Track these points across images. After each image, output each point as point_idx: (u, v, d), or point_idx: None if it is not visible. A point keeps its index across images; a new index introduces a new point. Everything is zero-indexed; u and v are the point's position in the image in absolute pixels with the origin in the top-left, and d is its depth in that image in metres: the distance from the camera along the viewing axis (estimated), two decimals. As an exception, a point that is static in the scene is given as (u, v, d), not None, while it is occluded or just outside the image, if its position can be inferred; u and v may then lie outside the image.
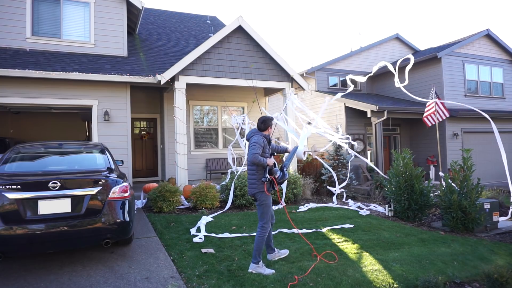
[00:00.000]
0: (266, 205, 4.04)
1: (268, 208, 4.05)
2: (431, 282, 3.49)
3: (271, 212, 4.11)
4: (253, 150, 3.90)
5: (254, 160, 3.87)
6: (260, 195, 4.02)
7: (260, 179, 4.00)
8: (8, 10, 8.59)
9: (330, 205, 8.29)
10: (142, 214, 7.04)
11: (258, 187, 4.02)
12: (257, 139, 4.02)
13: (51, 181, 3.88)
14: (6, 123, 12.08)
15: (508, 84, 15.07)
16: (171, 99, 10.05)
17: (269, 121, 4.22)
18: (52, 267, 4.12)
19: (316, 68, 14.89)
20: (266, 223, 4.05)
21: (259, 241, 4.00)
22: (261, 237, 4.01)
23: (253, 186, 4.06)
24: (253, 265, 4.00)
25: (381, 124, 11.66)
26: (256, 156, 3.87)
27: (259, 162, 3.89)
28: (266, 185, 3.99)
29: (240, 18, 9.38)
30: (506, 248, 5.22)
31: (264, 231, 4.02)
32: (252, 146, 3.94)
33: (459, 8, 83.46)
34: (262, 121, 4.21)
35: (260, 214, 4.08)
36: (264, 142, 4.06)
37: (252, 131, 4.19)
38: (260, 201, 4.03)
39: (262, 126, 4.19)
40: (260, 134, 4.13)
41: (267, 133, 4.21)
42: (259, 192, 4.02)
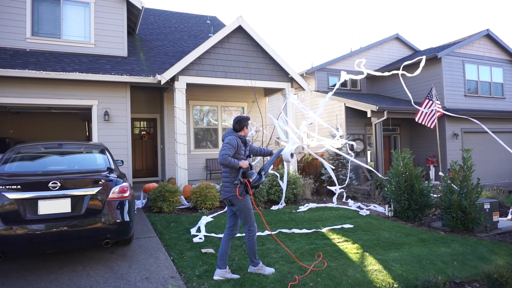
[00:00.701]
0: (246, 208, 3.84)
1: (249, 210, 3.87)
2: (431, 282, 3.49)
3: (252, 214, 3.92)
4: (223, 151, 3.69)
5: (223, 161, 3.64)
6: (236, 200, 3.79)
7: (233, 182, 3.76)
8: (8, 10, 8.59)
9: (330, 205, 8.29)
10: (142, 214, 7.04)
11: (232, 191, 3.79)
12: (230, 139, 3.81)
13: (51, 181, 3.88)
14: (6, 123, 12.08)
15: (508, 84, 15.07)
16: (171, 99, 10.05)
17: (245, 121, 3.99)
18: (52, 267, 4.12)
19: (316, 68, 14.90)
20: (252, 225, 3.90)
21: (251, 243, 3.92)
22: (251, 240, 3.90)
23: (226, 189, 3.84)
24: (253, 268, 3.97)
25: (381, 124, 11.66)
26: (225, 158, 3.64)
27: (229, 164, 3.67)
28: (239, 188, 3.74)
29: (240, 18, 9.38)
30: (506, 248, 5.22)
31: (252, 233, 3.89)
32: (223, 147, 3.74)
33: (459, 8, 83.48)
34: (237, 121, 3.98)
35: (243, 218, 3.88)
36: (237, 143, 3.83)
37: (227, 132, 4.00)
38: (239, 206, 3.81)
39: (237, 126, 3.96)
40: (235, 135, 3.91)
41: (243, 133, 3.99)
42: (233, 196, 3.79)
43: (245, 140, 4.00)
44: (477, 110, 13.79)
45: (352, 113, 13.03)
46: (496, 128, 14.23)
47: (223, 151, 3.68)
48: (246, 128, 4.00)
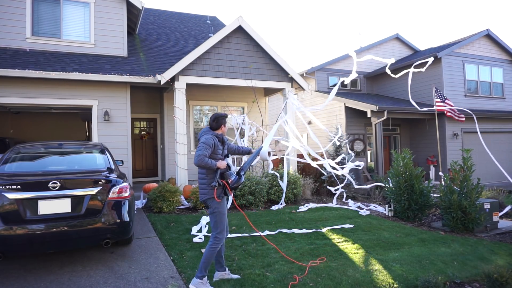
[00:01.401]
0: (219, 212, 3.59)
1: (222, 216, 3.61)
2: (431, 282, 3.49)
3: (225, 221, 3.66)
4: (199, 151, 3.45)
5: (200, 162, 3.41)
6: (212, 202, 3.58)
7: (210, 184, 3.55)
8: (8, 10, 8.59)
9: (330, 205, 8.29)
10: (142, 214, 7.04)
11: (209, 193, 3.56)
12: (206, 139, 3.57)
13: (51, 181, 3.88)
14: (6, 123, 12.08)
15: (508, 84, 15.07)
16: (171, 99, 10.04)
17: (222, 119, 3.75)
18: (52, 267, 4.12)
19: (316, 68, 14.90)
20: (220, 233, 3.59)
21: (210, 253, 3.53)
22: (212, 249, 3.54)
23: (203, 191, 3.61)
24: (196, 280, 3.50)
25: (381, 124, 11.67)
26: (202, 158, 3.41)
27: (205, 165, 3.44)
28: (217, 190, 3.54)
29: (240, 18, 9.38)
30: (506, 248, 5.22)
31: (217, 242, 3.56)
32: (199, 147, 3.50)
33: (459, 8, 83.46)
34: (214, 118, 3.74)
35: (213, 223, 3.61)
36: (214, 142, 3.60)
37: (203, 130, 3.76)
38: (212, 209, 3.58)
39: (214, 124, 3.72)
40: (211, 134, 3.67)
41: (220, 132, 3.76)
42: (210, 198, 3.57)
43: (222, 139, 3.78)
44: (477, 110, 13.79)
45: (352, 113, 13.03)
46: (496, 128, 14.23)
47: (198, 152, 3.45)
48: (223, 126, 3.78)
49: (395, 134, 14.51)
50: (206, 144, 3.51)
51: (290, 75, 10.11)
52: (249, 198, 7.74)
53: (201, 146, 3.50)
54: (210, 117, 3.81)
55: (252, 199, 7.78)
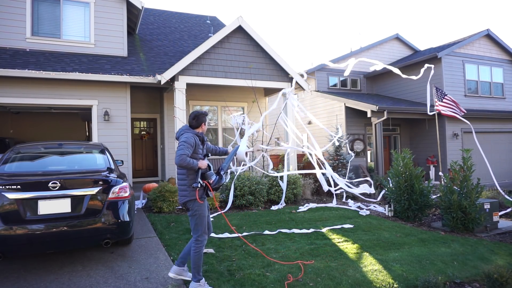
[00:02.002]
0: (200, 215, 3.48)
1: (202, 218, 3.50)
2: (431, 282, 3.49)
3: (205, 223, 3.55)
4: (180, 151, 3.32)
5: (181, 162, 3.29)
6: (192, 204, 3.45)
7: (191, 185, 3.43)
8: (8, 10, 8.59)
9: (330, 205, 8.29)
10: (142, 214, 7.04)
11: (190, 195, 3.44)
12: (186, 137, 3.43)
13: (51, 181, 3.88)
14: (6, 123, 12.08)
15: (508, 84, 15.07)
16: (171, 99, 10.04)
17: (203, 117, 3.62)
18: (52, 267, 4.12)
19: (316, 68, 14.90)
20: (201, 236, 3.49)
21: (196, 256, 3.46)
22: (196, 253, 3.46)
23: (183, 193, 3.48)
24: (194, 284, 3.46)
25: (381, 124, 11.66)
26: (183, 158, 3.29)
27: (187, 165, 3.32)
28: (199, 191, 3.43)
29: (240, 18, 9.38)
30: (506, 248, 5.22)
31: (199, 244, 3.48)
32: (179, 147, 3.36)
33: (459, 8, 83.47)
34: (194, 116, 3.60)
35: (193, 225, 3.50)
36: (195, 141, 3.48)
37: (182, 129, 3.62)
38: (193, 211, 3.46)
39: (194, 122, 3.59)
40: (191, 132, 3.54)
41: (200, 130, 3.64)
42: (191, 200, 3.44)
43: (203, 138, 3.66)
44: (478, 110, 13.79)
45: (352, 113, 13.03)
46: (496, 128, 14.23)
47: (180, 151, 3.32)
48: (204, 124, 3.64)
49: (395, 134, 14.51)
50: (187, 143, 3.39)
51: (290, 75, 10.11)
52: (249, 198, 7.74)
53: (182, 145, 3.37)
54: (189, 114, 3.67)
55: (252, 199, 7.78)
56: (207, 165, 3.51)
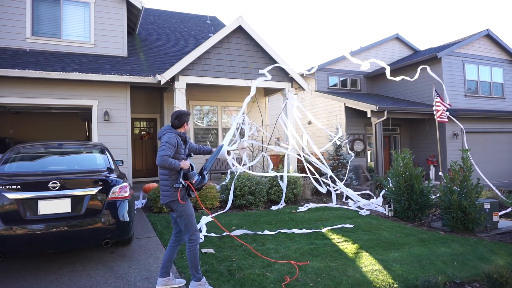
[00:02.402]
0: (187, 214, 3.45)
1: (191, 217, 3.47)
2: (431, 282, 3.49)
3: (195, 221, 3.53)
4: (162, 151, 3.28)
5: (163, 163, 3.25)
6: (176, 205, 3.42)
7: (173, 185, 3.38)
8: (8, 10, 8.59)
9: (330, 205, 8.29)
10: (142, 214, 7.04)
11: (172, 195, 3.39)
12: (169, 138, 3.39)
13: (51, 181, 3.88)
14: (6, 123, 12.08)
15: (508, 84, 15.07)
16: (171, 99, 10.05)
17: (185, 117, 3.58)
18: (52, 267, 4.12)
19: (316, 68, 14.88)
20: (194, 234, 3.46)
21: (192, 255, 3.43)
22: (192, 251, 3.43)
23: (166, 193, 3.44)
24: (194, 283, 3.44)
25: (381, 124, 11.67)
26: (165, 159, 3.25)
27: (169, 166, 3.28)
28: (181, 192, 3.38)
29: (240, 18, 9.38)
30: (506, 248, 5.22)
31: (194, 243, 3.45)
32: (161, 147, 3.33)
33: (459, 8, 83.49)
34: (176, 116, 3.56)
35: (184, 226, 3.46)
36: (177, 141, 3.44)
37: (165, 129, 3.56)
38: (179, 212, 3.43)
39: (177, 122, 3.55)
40: (174, 132, 3.50)
41: (183, 130, 3.60)
42: (174, 201, 3.41)
43: (185, 138, 3.61)
44: (478, 110, 13.79)
45: (352, 113, 13.03)
46: (496, 128, 14.24)
47: (162, 152, 3.28)
48: (186, 124, 3.61)
49: (395, 134, 14.51)
50: (169, 144, 3.35)
51: (290, 75, 10.11)
52: (249, 198, 7.74)
53: (164, 146, 3.33)
54: (171, 114, 3.63)
55: (252, 199, 7.78)
56: (190, 165, 3.47)
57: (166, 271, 3.54)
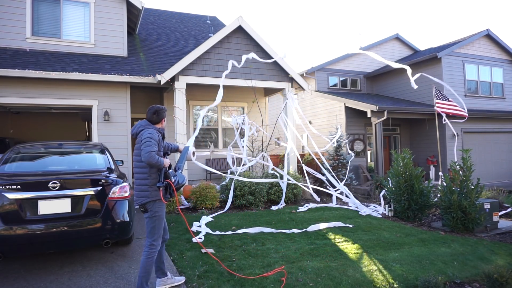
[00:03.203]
0: (159, 217, 3.29)
1: (161, 221, 3.31)
2: (431, 282, 3.49)
3: (163, 226, 3.38)
4: (148, 147, 3.10)
5: (150, 160, 3.06)
6: (153, 205, 3.24)
7: (154, 185, 3.22)
8: (8, 10, 8.59)
9: (330, 205, 8.29)
10: (142, 214, 7.04)
11: (152, 195, 3.23)
12: (151, 134, 3.22)
13: (51, 181, 3.88)
14: (6, 123, 12.08)
15: (508, 84, 15.07)
16: (171, 99, 10.04)
17: (163, 112, 3.44)
18: (52, 267, 4.12)
19: (316, 68, 14.90)
20: (156, 240, 3.27)
21: (147, 263, 3.19)
22: (149, 259, 3.20)
23: (144, 193, 3.25)
24: None
25: (381, 124, 11.67)
26: (153, 155, 3.07)
27: (156, 163, 3.10)
28: (162, 191, 3.22)
29: (240, 18, 9.38)
30: (506, 248, 5.22)
31: (153, 250, 3.24)
32: (146, 143, 3.14)
33: (459, 8, 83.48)
34: (155, 111, 3.39)
35: (150, 228, 3.27)
36: (159, 137, 3.31)
37: (142, 124, 3.38)
38: (152, 212, 3.25)
39: (155, 117, 3.39)
40: (154, 128, 3.33)
41: (161, 126, 3.45)
42: (153, 201, 3.23)
43: (163, 135, 3.47)
44: (478, 110, 13.79)
45: (352, 113, 13.03)
46: (496, 128, 14.24)
47: (148, 148, 3.10)
48: (164, 120, 3.48)
49: (395, 134, 14.51)
50: (153, 140, 3.18)
51: (290, 75, 10.11)
52: (249, 198, 7.74)
53: (148, 141, 3.15)
54: (148, 110, 3.44)
55: (252, 199, 7.78)
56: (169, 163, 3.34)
57: (162, 272, 3.50)
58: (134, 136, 3.38)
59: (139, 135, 3.32)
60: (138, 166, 3.29)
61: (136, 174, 3.31)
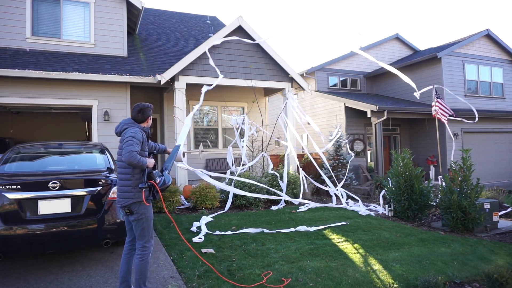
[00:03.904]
0: (147, 218, 3.18)
1: (150, 222, 3.21)
2: (431, 282, 3.49)
3: (152, 227, 3.27)
4: (130, 146, 2.98)
5: (132, 160, 2.95)
6: (138, 207, 3.13)
7: (137, 186, 3.11)
8: (8, 10, 8.59)
9: (330, 205, 8.29)
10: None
11: (135, 196, 3.11)
12: (134, 132, 3.10)
13: (51, 181, 3.88)
14: (6, 123, 12.08)
15: (508, 84, 15.07)
16: (171, 99, 10.04)
17: (149, 110, 3.31)
18: (52, 267, 4.12)
19: (316, 68, 14.89)
20: (148, 241, 3.21)
21: (143, 265, 3.15)
22: (143, 261, 3.16)
23: (127, 195, 3.12)
24: None
25: (381, 124, 11.66)
26: (134, 155, 2.96)
27: (138, 163, 2.99)
28: (145, 193, 3.12)
29: (240, 18, 9.38)
30: (506, 248, 5.22)
31: (147, 251, 3.19)
32: (128, 142, 3.02)
33: (459, 8, 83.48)
34: (139, 109, 3.26)
35: (140, 231, 3.17)
36: (143, 137, 3.18)
37: (125, 122, 3.25)
38: (138, 214, 3.13)
39: (140, 116, 3.27)
40: (138, 127, 3.22)
41: (146, 125, 3.33)
42: (136, 202, 3.12)
43: (148, 134, 3.35)
44: (477, 110, 13.78)
45: (352, 113, 13.03)
46: (496, 128, 14.23)
47: (129, 147, 2.98)
48: (149, 118, 3.35)
49: (395, 134, 14.51)
50: (136, 139, 3.06)
51: (290, 75, 10.11)
52: (250, 198, 7.74)
53: (130, 141, 3.02)
54: (133, 108, 3.31)
55: (252, 199, 7.78)
56: (154, 163, 3.22)
57: (127, 285, 3.30)
58: (118, 134, 3.27)
59: (122, 133, 3.20)
60: (121, 166, 3.18)
61: (119, 174, 3.20)
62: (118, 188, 3.21)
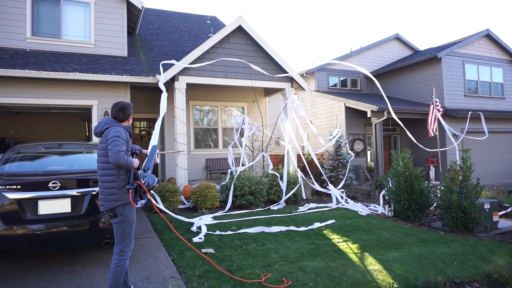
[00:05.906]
0: (130, 221, 3.08)
1: (131, 225, 3.10)
2: (431, 282, 3.49)
3: (133, 231, 3.16)
4: (117, 147, 2.86)
5: (119, 160, 2.84)
6: (123, 209, 3.02)
7: (123, 187, 3.00)
8: (8, 10, 8.59)
9: (330, 205, 8.29)
10: (142, 214, 7.05)
11: (121, 198, 2.99)
12: (118, 132, 2.99)
13: (51, 181, 3.88)
14: (6, 123, 12.08)
15: (508, 84, 15.07)
16: (171, 99, 10.01)
17: (130, 109, 3.23)
18: (52, 267, 4.12)
19: (316, 68, 14.90)
20: (127, 247, 3.08)
21: (118, 271, 2.99)
22: (119, 267, 3.00)
23: (112, 197, 2.99)
24: None
25: (381, 124, 11.66)
26: (122, 156, 2.85)
27: (125, 164, 2.88)
28: (132, 194, 3.00)
29: (240, 18, 9.38)
30: (506, 248, 5.22)
31: (124, 257, 3.05)
32: (114, 142, 2.89)
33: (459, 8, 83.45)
34: (120, 108, 3.16)
35: (120, 234, 3.05)
36: (127, 136, 3.11)
37: (107, 122, 3.12)
38: (122, 217, 3.02)
39: (121, 115, 3.17)
40: (121, 126, 3.12)
41: (127, 124, 3.25)
42: (122, 205, 3.01)
43: (131, 133, 3.25)
44: (477, 110, 13.79)
45: (352, 113, 13.03)
46: (496, 128, 14.23)
47: (116, 147, 2.86)
48: (130, 117, 3.26)
49: (395, 134, 14.51)
50: (122, 139, 2.96)
51: (290, 75, 10.11)
52: (249, 198, 7.74)
53: (116, 141, 2.90)
54: (113, 106, 3.20)
55: (252, 199, 7.78)
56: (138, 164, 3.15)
57: (126, 285, 3.26)
58: (98, 135, 3.13)
59: (103, 134, 3.07)
60: (104, 168, 3.04)
61: (102, 176, 3.05)
62: (101, 191, 3.05)
